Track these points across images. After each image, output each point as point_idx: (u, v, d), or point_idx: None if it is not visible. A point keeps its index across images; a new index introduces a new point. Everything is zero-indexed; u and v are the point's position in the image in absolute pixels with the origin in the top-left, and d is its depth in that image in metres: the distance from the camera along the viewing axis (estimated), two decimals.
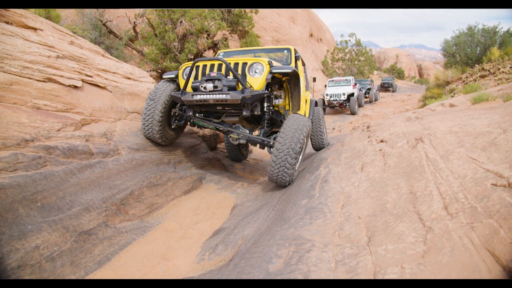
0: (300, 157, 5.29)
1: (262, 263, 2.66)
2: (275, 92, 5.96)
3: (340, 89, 20.18)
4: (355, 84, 21.96)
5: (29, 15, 6.88)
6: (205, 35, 12.06)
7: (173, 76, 5.92)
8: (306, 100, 7.33)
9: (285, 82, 5.88)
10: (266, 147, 5.68)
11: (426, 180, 3.24)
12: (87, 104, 5.51)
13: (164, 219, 4.77)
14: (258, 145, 5.93)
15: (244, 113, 5.18)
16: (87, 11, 13.87)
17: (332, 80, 22.51)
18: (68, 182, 4.01)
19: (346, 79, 21.85)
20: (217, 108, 5.43)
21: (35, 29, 6.49)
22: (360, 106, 21.75)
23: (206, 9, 11.14)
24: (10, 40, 5.19)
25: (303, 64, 7.89)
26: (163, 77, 6.12)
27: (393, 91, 36.99)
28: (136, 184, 4.87)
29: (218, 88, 4.92)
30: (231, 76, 5.08)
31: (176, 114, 6.06)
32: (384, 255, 2.36)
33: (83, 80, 5.76)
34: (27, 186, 3.52)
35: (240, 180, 6.75)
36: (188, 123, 6.30)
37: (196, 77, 5.34)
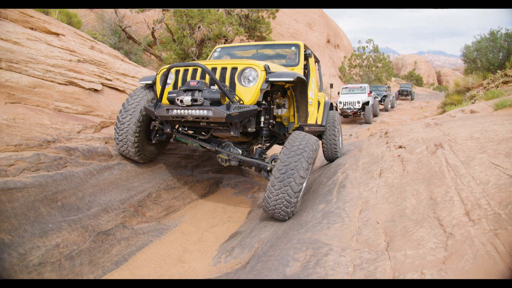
0: (304, 184, 4.30)
1: (279, 266, 2.65)
2: (277, 100, 4.93)
3: (355, 97, 18.73)
4: (371, 92, 20.59)
5: (52, 21, 7.07)
6: (223, 40, 12.16)
7: (150, 82, 4.82)
8: (319, 103, 6.64)
9: (290, 89, 4.79)
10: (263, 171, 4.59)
11: (446, 186, 3.18)
12: (106, 107, 5.60)
13: (181, 222, 4.79)
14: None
15: (231, 133, 4.24)
16: (107, 17, 14.16)
17: (346, 87, 20.95)
18: (88, 183, 4.08)
19: (361, 87, 20.37)
20: (201, 124, 4.35)
21: (57, 34, 6.66)
22: (375, 115, 20.09)
23: (224, 15, 11.24)
24: (34, 45, 5.33)
25: (317, 61, 6.97)
26: (139, 82, 5.03)
27: (411, 99, 35.76)
28: (154, 187, 4.92)
29: (198, 102, 3.91)
30: (216, 86, 4.04)
31: (157, 128, 4.99)
32: (403, 260, 2.32)
33: (103, 84, 5.87)
34: (48, 186, 3.59)
35: (256, 184, 6.74)
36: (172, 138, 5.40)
37: (175, 85, 4.37)
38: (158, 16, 14.62)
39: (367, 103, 18.80)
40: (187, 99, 3.89)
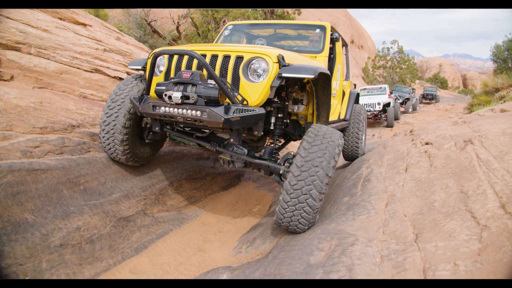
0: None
1: (303, 255, 2.57)
2: (293, 95, 4.13)
3: (375, 98, 17.01)
4: (391, 93, 18.99)
5: (80, 12, 7.16)
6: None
7: (139, 67, 3.94)
8: (344, 93, 5.86)
9: (309, 82, 3.97)
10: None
11: (478, 179, 3.05)
12: None
13: (202, 212, 4.76)
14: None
15: (231, 140, 3.56)
16: (133, 11, 14.35)
17: (364, 89, 19.22)
18: (110, 168, 4.08)
19: (381, 87, 18.69)
20: (196, 124, 3.41)
21: (84, 25, 6.74)
22: (396, 119, 17.73)
23: (250, 9, 11.22)
24: (62, 33, 5.40)
25: (344, 45, 6.18)
26: (129, 66, 4.15)
27: (436, 102, 34.09)
28: (175, 176, 4.90)
29: (190, 100, 3.08)
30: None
31: (149, 125, 4.11)
32: (434, 251, 2.21)
33: (128, 73, 5.90)
34: (72, 169, 3.61)
35: None
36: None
37: (167, 74, 3.58)
38: (183, 11, 14.72)
39: (388, 104, 17.21)
40: (176, 95, 3.07)
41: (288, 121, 4.21)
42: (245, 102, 3.19)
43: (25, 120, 3.63)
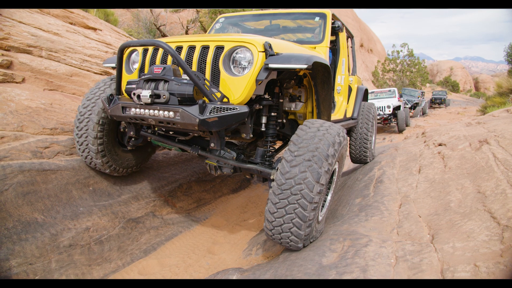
0: (329, 196, 3.23)
1: (315, 256, 2.51)
2: (290, 91, 3.67)
3: (384, 102, 15.84)
4: (401, 96, 18.10)
5: (91, 17, 7.22)
6: None
7: (114, 65, 3.57)
8: (350, 89, 5.35)
9: (307, 76, 3.47)
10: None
11: (496, 179, 2.96)
12: None
13: (211, 215, 4.72)
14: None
15: (212, 144, 3.08)
16: (142, 16, 14.44)
17: (372, 92, 17.83)
18: None
19: (389, 90, 17.55)
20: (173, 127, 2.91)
21: (95, 29, 6.79)
22: (406, 125, 16.25)
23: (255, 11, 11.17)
24: (72, 36, 5.44)
25: (350, 37, 5.61)
26: (103, 64, 3.79)
27: (446, 106, 32.19)
28: (185, 178, 4.87)
29: (161, 99, 2.66)
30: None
31: (127, 129, 3.67)
32: (452, 252, 2.14)
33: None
34: (81, 170, 3.60)
35: None
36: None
37: (141, 71, 3.12)
38: (192, 16, 14.78)
39: (398, 107, 16.11)
40: (145, 94, 2.65)
41: (285, 121, 3.76)
42: (225, 100, 2.73)
43: (36, 121, 3.63)
